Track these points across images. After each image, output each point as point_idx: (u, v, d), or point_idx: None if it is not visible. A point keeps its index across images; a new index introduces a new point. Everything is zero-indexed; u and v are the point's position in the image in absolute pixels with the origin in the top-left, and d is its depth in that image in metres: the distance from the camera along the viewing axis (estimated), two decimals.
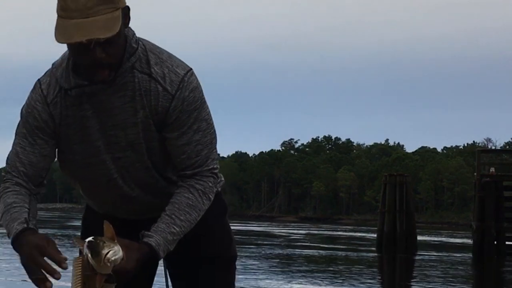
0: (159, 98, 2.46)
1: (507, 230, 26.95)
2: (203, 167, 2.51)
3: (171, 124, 2.48)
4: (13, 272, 17.79)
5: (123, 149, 2.51)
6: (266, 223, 77.47)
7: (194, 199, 2.48)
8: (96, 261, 2.15)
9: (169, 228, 2.42)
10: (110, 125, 2.48)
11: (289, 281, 18.08)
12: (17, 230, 2.32)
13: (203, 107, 2.51)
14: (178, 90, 2.46)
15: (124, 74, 2.43)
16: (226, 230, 2.81)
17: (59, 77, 2.47)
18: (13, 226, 2.34)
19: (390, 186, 31.80)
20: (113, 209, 2.67)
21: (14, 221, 2.35)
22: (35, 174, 2.49)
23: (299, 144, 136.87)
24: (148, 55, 2.47)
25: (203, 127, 2.51)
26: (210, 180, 2.53)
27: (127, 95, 2.45)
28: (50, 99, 2.48)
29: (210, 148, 2.53)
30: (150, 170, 2.56)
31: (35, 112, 2.49)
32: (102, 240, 2.18)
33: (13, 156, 2.51)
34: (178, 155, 2.50)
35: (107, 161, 2.53)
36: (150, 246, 2.36)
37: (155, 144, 2.51)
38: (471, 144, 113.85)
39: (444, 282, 19.21)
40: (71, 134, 2.51)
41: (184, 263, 2.72)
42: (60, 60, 2.51)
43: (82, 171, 2.58)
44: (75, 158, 2.55)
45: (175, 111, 2.46)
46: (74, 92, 2.44)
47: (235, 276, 2.83)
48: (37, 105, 2.49)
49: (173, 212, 2.45)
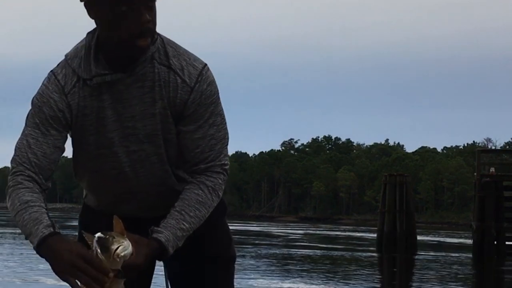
0: (178, 90, 2.47)
1: (507, 230, 26.95)
2: (216, 162, 2.51)
3: (187, 117, 2.48)
4: (7, 273, 17.80)
5: (140, 141, 2.50)
6: (265, 223, 77.49)
7: (204, 196, 2.48)
8: (106, 257, 2.14)
9: (179, 224, 2.41)
10: (128, 116, 2.47)
11: (282, 280, 18.07)
12: (44, 234, 2.26)
13: (218, 102, 2.53)
14: (197, 83, 2.47)
15: (144, 64, 2.44)
16: (226, 230, 2.81)
17: (76, 67, 2.46)
18: (37, 229, 2.27)
19: (390, 186, 31.82)
20: (114, 206, 2.65)
21: (36, 223, 2.29)
22: (47, 166, 2.44)
23: (299, 144, 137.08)
24: (166, 47, 2.49)
25: (218, 121, 2.52)
26: (220, 177, 2.53)
27: (146, 85, 2.45)
28: (67, 89, 2.46)
29: (223, 143, 2.54)
30: (165, 164, 2.55)
31: (51, 102, 2.45)
32: (112, 235, 2.17)
33: (24, 147, 2.44)
34: (192, 148, 2.50)
35: (119, 154, 2.52)
36: (159, 242, 2.36)
37: (172, 137, 2.51)
38: (471, 144, 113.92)
39: (444, 282, 19.22)
40: (87, 125, 2.49)
41: (185, 262, 2.71)
42: (74, 51, 2.50)
43: (94, 163, 2.56)
44: (88, 148, 2.53)
45: (193, 104, 2.47)
46: (95, 81, 2.43)
47: (234, 277, 2.82)
48: (54, 95, 2.45)
49: (183, 208, 2.45)
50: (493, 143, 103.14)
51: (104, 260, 2.14)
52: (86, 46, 2.47)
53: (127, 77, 2.44)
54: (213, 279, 2.72)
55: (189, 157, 2.52)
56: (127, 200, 2.63)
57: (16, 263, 20.50)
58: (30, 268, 18.89)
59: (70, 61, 2.49)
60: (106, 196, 2.67)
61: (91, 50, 2.46)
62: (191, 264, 2.70)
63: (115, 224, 2.22)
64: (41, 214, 2.31)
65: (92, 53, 2.45)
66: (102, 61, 2.45)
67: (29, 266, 19.24)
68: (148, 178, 2.57)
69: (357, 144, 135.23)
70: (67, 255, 2.18)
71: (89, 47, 2.47)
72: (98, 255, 2.15)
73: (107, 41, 2.42)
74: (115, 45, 2.39)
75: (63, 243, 2.22)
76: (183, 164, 2.57)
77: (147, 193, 2.60)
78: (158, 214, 2.60)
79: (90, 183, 2.68)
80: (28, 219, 2.31)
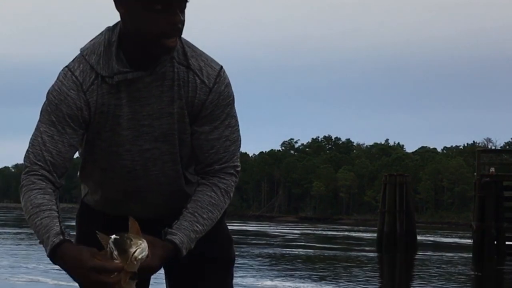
0: (197, 90, 2.46)
1: (507, 230, 26.94)
2: (229, 163, 2.51)
3: (204, 117, 2.48)
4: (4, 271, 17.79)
5: (155, 139, 2.49)
6: (264, 223, 77.43)
7: (216, 198, 2.48)
8: (123, 259, 2.14)
9: (192, 226, 2.41)
10: (145, 115, 2.46)
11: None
12: (54, 243, 2.25)
13: (233, 104, 2.53)
14: (215, 84, 2.47)
15: (164, 63, 2.43)
16: (226, 231, 2.81)
17: (95, 63, 2.42)
18: (48, 237, 2.27)
19: (390, 186, 31.79)
20: (119, 205, 2.64)
21: (47, 230, 2.28)
22: (62, 165, 2.42)
23: (299, 144, 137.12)
24: (184, 47, 2.48)
25: (233, 123, 2.52)
26: (232, 179, 2.52)
27: (166, 84, 2.44)
28: (86, 86, 2.42)
29: (236, 145, 2.54)
30: (177, 164, 2.55)
31: (69, 100, 2.40)
32: (129, 237, 2.16)
33: (39, 145, 2.40)
34: (207, 149, 2.50)
35: (132, 152, 2.50)
36: (174, 244, 2.35)
37: (186, 137, 2.51)
38: (471, 144, 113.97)
39: (444, 282, 19.21)
40: (102, 122, 2.46)
41: (185, 262, 2.70)
42: (91, 47, 2.45)
43: (105, 160, 2.54)
44: (101, 145, 2.51)
45: (210, 105, 2.47)
46: (117, 78, 2.41)
47: (233, 278, 2.82)
48: (71, 92, 2.41)
49: (196, 210, 2.44)
50: (493, 143, 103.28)
51: (122, 262, 2.14)
52: (105, 42, 2.44)
53: (147, 76, 2.42)
54: (213, 280, 2.72)
55: (203, 158, 2.51)
56: (134, 199, 2.61)
57: (10, 261, 20.50)
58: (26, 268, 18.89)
59: (87, 57, 2.45)
60: (113, 195, 2.64)
61: (113, 47, 2.42)
62: (192, 265, 2.69)
63: (131, 225, 2.21)
64: (51, 220, 2.30)
65: (114, 50, 2.42)
66: (123, 58, 2.42)
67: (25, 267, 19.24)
68: (159, 178, 2.55)
69: (357, 144, 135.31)
70: (79, 268, 2.18)
71: (109, 43, 2.43)
72: (114, 257, 2.14)
73: (133, 38, 2.38)
74: (142, 43, 2.37)
75: (73, 252, 2.22)
76: (195, 165, 2.57)
77: (156, 192, 2.59)
78: (160, 215, 2.60)
79: (97, 181, 2.65)
80: (39, 225, 2.30)
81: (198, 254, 2.62)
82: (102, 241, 2.19)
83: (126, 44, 2.42)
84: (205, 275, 2.71)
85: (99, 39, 2.46)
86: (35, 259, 21.09)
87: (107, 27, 2.48)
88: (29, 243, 28.82)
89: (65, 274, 2.28)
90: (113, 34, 2.44)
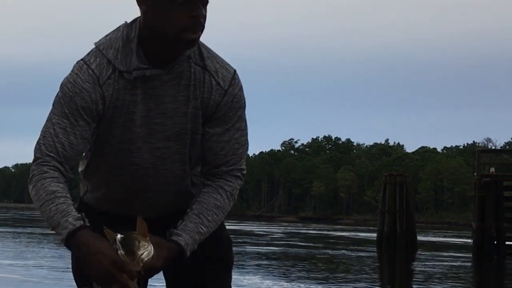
0: (212, 91, 2.47)
1: (507, 230, 26.93)
2: (237, 166, 2.52)
3: (217, 119, 2.49)
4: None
5: (167, 138, 2.48)
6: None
7: (222, 200, 2.49)
8: (129, 259, 2.14)
9: (197, 228, 2.42)
10: (159, 113, 2.45)
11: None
12: (74, 227, 2.22)
13: (245, 107, 2.55)
14: (230, 86, 2.49)
15: (182, 63, 2.43)
16: (226, 232, 2.80)
17: (113, 58, 2.41)
18: (66, 220, 2.23)
19: (390, 186, 31.80)
20: (119, 204, 2.63)
21: (64, 215, 2.25)
22: (73, 157, 2.40)
23: (299, 144, 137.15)
24: (200, 48, 2.48)
25: (243, 127, 2.54)
26: (238, 182, 2.54)
27: (182, 84, 2.44)
28: (103, 80, 2.40)
29: (244, 148, 2.55)
30: (186, 164, 2.55)
31: (84, 93, 2.38)
32: (137, 238, 2.16)
33: (51, 136, 2.37)
34: (217, 151, 2.50)
35: (142, 150, 2.49)
36: (179, 245, 2.36)
37: (197, 137, 2.51)
38: (471, 144, 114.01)
39: (444, 282, 19.20)
40: (115, 118, 2.45)
41: (186, 263, 2.70)
42: (108, 42, 2.44)
43: (114, 156, 2.52)
44: (111, 141, 2.49)
45: (224, 107, 2.49)
46: (135, 74, 2.40)
47: (231, 279, 2.82)
48: (87, 85, 2.39)
49: (201, 211, 2.45)
50: (493, 143, 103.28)
51: (127, 261, 2.15)
52: (123, 37, 2.42)
53: (164, 74, 2.42)
54: (214, 280, 2.71)
55: (212, 159, 2.52)
56: (139, 198, 2.59)
57: (5, 259, 20.50)
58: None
59: (104, 51, 2.43)
60: (117, 192, 2.62)
61: (132, 42, 2.41)
62: (192, 265, 2.68)
63: (139, 225, 2.20)
64: (68, 206, 2.28)
65: (134, 46, 2.41)
66: (141, 55, 2.41)
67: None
68: (167, 177, 2.55)
69: (357, 144, 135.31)
70: (102, 260, 2.16)
71: (127, 39, 2.42)
72: (120, 256, 2.15)
73: (154, 34, 2.38)
74: (163, 38, 2.36)
75: (96, 241, 2.20)
76: (202, 166, 2.57)
77: (162, 191, 2.58)
78: (163, 215, 2.60)
79: (103, 177, 2.62)
80: (55, 210, 2.27)
81: (200, 254, 2.62)
82: (108, 237, 2.19)
83: (145, 41, 2.41)
84: (207, 275, 2.70)
85: (116, 34, 2.44)
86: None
87: (125, 23, 2.47)
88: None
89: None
90: (131, 30, 2.43)
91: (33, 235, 34.65)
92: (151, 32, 2.39)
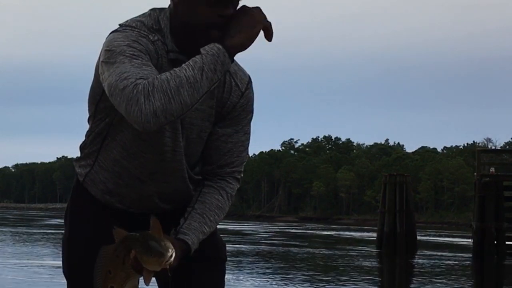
0: (231, 92, 2.49)
1: (507, 230, 26.97)
2: (239, 168, 2.55)
3: (229, 119, 2.50)
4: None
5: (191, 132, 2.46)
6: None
7: (223, 202, 2.51)
8: (153, 260, 2.07)
9: (201, 228, 2.44)
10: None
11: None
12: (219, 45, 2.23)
13: (253, 112, 2.57)
14: (247, 89, 2.52)
15: None
16: (218, 233, 2.81)
17: (150, 35, 2.35)
18: (206, 50, 2.21)
19: (390, 186, 31.81)
20: (128, 186, 2.53)
21: (199, 56, 2.21)
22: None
23: (299, 144, 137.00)
24: None
25: (249, 130, 2.56)
26: (237, 185, 2.57)
27: None
28: (153, 39, 2.35)
29: (246, 152, 2.58)
30: (183, 160, 2.50)
31: (141, 42, 2.30)
32: (162, 239, 2.10)
33: (132, 69, 2.20)
34: (224, 152, 2.51)
35: (166, 135, 2.41)
36: (187, 244, 2.37)
37: (204, 135, 2.50)
38: (471, 144, 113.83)
39: (444, 282, 19.22)
40: None
41: (183, 262, 2.70)
42: (140, 23, 2.37)
43: (138, 136, 2.41)
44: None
45: (239, 109, 2.50)
46: (172, 55, 2.37)
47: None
48: (141, 39, 2.31)
49: (204, 211, 2.46)
50: (493, 143, 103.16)
51: (146, 261, 2.08)
52: (155, 20, 2.38)
53: None
54: (210, 279, 2.71)
55: (217, 159, 2.52)
56: (153, 179, 2.50)
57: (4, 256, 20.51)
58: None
59: (138, 29, 2.34)
60: (134, 170, 2.49)
61: (166, 27, 2.38)
62: (190, 265, 2.68)
63: (153, 224, 2.14)
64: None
65: (167, 30, 2.38)
66: (172, 41, 2.39)
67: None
68: (182, 163, 2.49)
69: (357, 144, 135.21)
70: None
71: (159, 23, 2.38)
72: (138, 255, 2.08)
73: (183, 25, 2.36)
74: (189, 30, 2.35)
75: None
76: (204, 165, 2.55)
77: (174, 178, 2.51)
78: (164, 204, 2.58)
79: (117, 157, 2.49)
80: (193, 63, 2.19)
81: (198, 254, 2.63)
82: (116, 237, 2.14)
83: (174, 30, 2.39)
84: (203, 274, 2.70)
85: (146, 19, 2.40)
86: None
87: (152, 9, 2.45)
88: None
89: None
90: (162, 16, 2.40)
91: (33, 235, 34.64)
92: (179, 22, 2.38)
